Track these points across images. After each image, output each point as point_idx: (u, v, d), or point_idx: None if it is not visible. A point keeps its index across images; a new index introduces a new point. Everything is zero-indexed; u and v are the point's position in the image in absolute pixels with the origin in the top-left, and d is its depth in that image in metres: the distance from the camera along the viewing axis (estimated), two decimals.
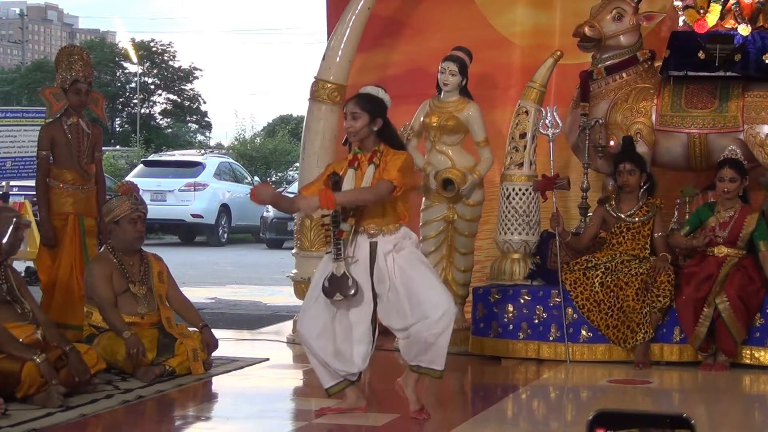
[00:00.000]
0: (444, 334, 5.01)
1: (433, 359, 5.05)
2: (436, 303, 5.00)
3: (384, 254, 5.07)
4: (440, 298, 5.03)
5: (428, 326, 4.98)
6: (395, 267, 5.05)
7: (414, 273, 5.05)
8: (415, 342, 5.05)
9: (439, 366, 5.07)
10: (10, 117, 9.84)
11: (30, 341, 5.45)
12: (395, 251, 5.08)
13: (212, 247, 19.50)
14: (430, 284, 5.06)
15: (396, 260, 5.06)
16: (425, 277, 5.07)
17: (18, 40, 79.88)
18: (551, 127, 6.93)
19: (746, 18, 7.18)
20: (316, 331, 5.14)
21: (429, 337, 4.99)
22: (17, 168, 9.61)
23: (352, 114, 5.11)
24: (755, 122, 7.14)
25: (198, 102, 49.80)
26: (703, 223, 6.77)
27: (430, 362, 5.06)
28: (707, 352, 6.59)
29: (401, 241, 5.10)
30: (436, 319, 4.97)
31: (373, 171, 5.08)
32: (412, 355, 5.09)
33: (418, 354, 5.06)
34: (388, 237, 5.09)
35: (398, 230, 5.11)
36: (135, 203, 6.39)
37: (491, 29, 8.24)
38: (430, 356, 5.04)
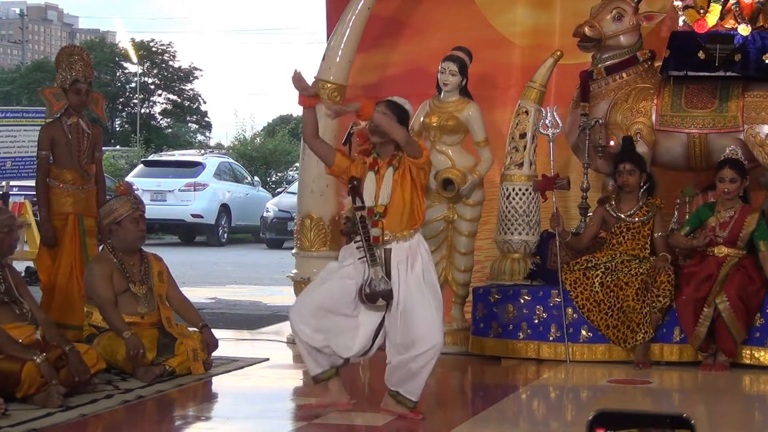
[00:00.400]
0: (426, 366, 5.05)
1: (411, 390, 5.09)
2: (426, 337, 5.01)
3: (397, 263, 5.07)
4: (431, 333, 5.03)
5: (413, 358, 5.02)
6: (405, 284, 5.05)
7: (418, 298, 5.05)
8: (398, 368, 5.08)
9: (415, 397, 5.11)
10: (10, 117, 9.85)
11: (29, 341, 5.44)
12: (409, 265, 5.07)
13: (212, 247, 19.50)
14: (426, 314, 5.05)
15: (408, 277, 5.06)
16: (425, 305, 5.06)
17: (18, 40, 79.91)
18: (551, 127, 6.93)
19: (746, 18, 7.18)
20: (306, 319, 5.12)
21: (413, 369, 5.03)
22: (17, 168, 9.61)
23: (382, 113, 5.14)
24: (755, 122, 7.14)
25: (198, 102, 49.80)
26: (703, 223, 6.77)
27: (408, 392, 5.10)
28: (707, 352, 6.59)
29: (415, 251, 5.10)
30: (421, 352, 5.00)
31: (392, 173, 5.10)
32: (393, 380, 5.13)
33: (400, 381, 5.10)
34: (402, 244, 5.09)
35: (413, 237, 5.11)
36: (135, 202, 6.39)
37: (491, 29, 8.24)
38: (410, 386, 5.09)
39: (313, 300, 5.19)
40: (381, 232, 5.07)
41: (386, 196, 5.08)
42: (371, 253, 5.02)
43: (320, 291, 5.20)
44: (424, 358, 5.02)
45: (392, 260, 5.08)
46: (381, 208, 5.08)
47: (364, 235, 5.03)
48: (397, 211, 5.09)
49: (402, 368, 5.06)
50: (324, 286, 5.19)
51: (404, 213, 5.09)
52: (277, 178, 29.98)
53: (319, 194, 7.56)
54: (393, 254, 5.08)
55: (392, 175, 5.09)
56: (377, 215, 5.06)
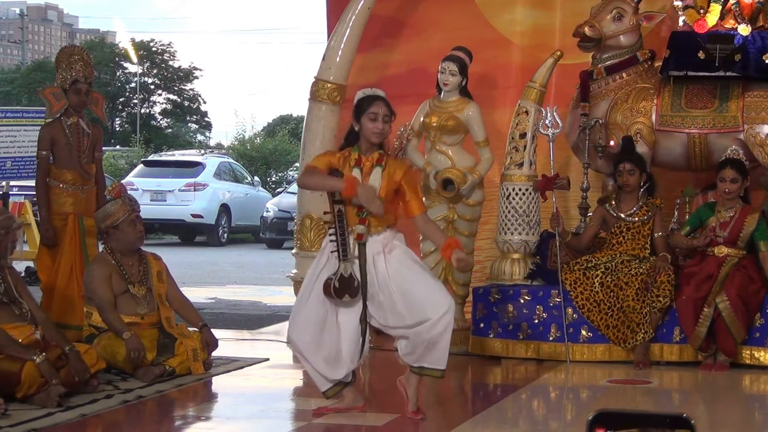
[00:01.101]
0: (446, 332, 5.00)
1: (436, 359, 5.05)
2: (436, 303, 4.99)
3: (374, 254, 5.08)
4: (440, 298, 5.02)
5: (430, 327, 4.97)
6: (387, 268, 5.05)
7: (408, 273, 5.05)
8: (417, 344, 5.04)
9: (442, 366, 5.07)
10: (10, 117, 9.85)
11: (29, 341, 5.44)
12: (386, 252, 5.08)
13: (212, 247, 19.50)
14: (426, 284, 5.06)
15: (388, 261, 5.06)
16: (420, 277, 5.07)
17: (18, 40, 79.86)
18: (551, 127, 6.93)
19: (746, 18, 7.18)
20: (307, 338, 5.13)
21: (433, 337, 4.99)
22: (17, 168, 9.61)
23: (385, 117, 5.14)
24: (755, 122, 7.14)
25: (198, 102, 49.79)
26: (703, 223, 6.77)
27: (433, 362, 5.06)
28: (707, 352, 6.59)
29: (390, 242, 5.11)
30: (437, 319, 4.96)
31: (380, 173, 5.09)
32: (415, 357, 5.08)
33: (423, 355, 5.05)
34: (376, 237, 5.10)
35: (385, 230, 5.12)
36: (130, 204, 6.39)
37: (491, 29, 8.24)
38: (434, 356, 5.04)
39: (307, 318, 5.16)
40: (366, 230, 5.07)
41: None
42: (344, 248, 5.02)
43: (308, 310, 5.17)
44: (442, 324, 4.97)
45: (368, 253, 5.07)
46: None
47: (340, 229, 5.03)
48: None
49: (421, 341, 5.01)
50: (309, 304, 5.16)
51: (387, 212, 5.11)
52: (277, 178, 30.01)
53: (319, 194, 7.53)
54: (368, 247, 5.08)
55: (380, 175, 5.09)
56: (366, 213, 5.07)
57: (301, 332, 5.16)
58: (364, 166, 5.12)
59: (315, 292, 5.14)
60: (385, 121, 5.14)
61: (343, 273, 5.02)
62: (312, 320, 5.13)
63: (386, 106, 5.17)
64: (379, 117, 5.13)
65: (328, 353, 5.12)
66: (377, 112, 5.14)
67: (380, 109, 5.15)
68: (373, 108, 5.16)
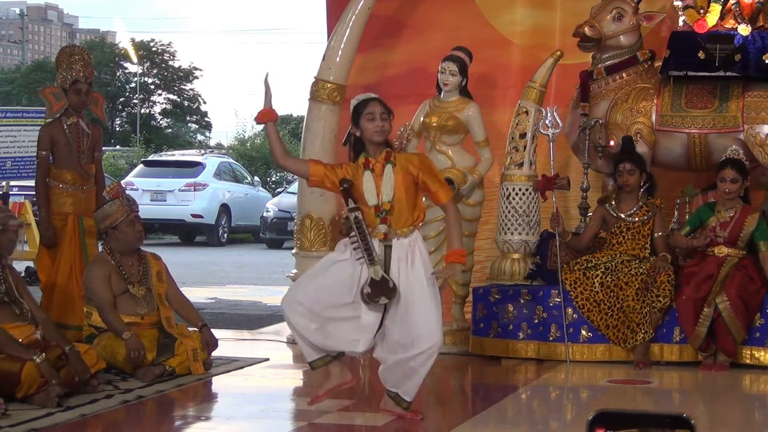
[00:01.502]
0: (426, 365, 5.03)
1: (408, 390, 5.09)
2: (426, 335, 5.00)
3: (398, 260, 5.06)
4: (433, 331, 5.02)
5: (412, 356, 5.00)
6: (406, 281, 5.04)
7: (418, 296, 5.03)
8: (395, 370, 5.07)
9: (409, 398, 5.10)
10: (10, 117, 9.84)
11: (29, 341, 5.44)
12: (409, 262, 5.06)
13: (212, 247, 19.50)
14: (427, 313, 5.03)
15: (409, 274, 5.05)
16: (425, 305, 5.04)
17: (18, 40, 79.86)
18: (551, 127, 6.93)
19: (746, 18, 7.18)
20: (299, 309, 5.09)
21: (412, 368, 5.02)
22: (17, 168, 9.61)
23: (383, 115, 5.14)
24: (755, 122, 7.14)
25: (198, 102, 49.80)
26: (703, 223, 6.77)
27: (405, 392, 5.09)
28: (707, 352, 6.59)
29: (413, 247, 5.08)
30: (421, 351, 4.99)
31: (392, 170, 5.09)
32: (391, 381, 5.12)
33: (398, 381, 5.09)
34: (402, 240, 5.08)
35: (412, 233, 5.11)
36: (128, 205, 6.38)
37: (491, 29, 8.24)
38: (407, 386, 5.08)
39: (306, 293, 5.13)
40: (388, 228, 5.06)
41: (390, 192, 5.07)
42: (369, 253, 5.01)
43: (314, 285, 5.15)
44: (423, 357, 5.00)
45: (392, 257, 5.06)
46: (387, 205, 5.07)
47: (361, 235, 5.02)
48: (401, 206, 5.08)
49: (401, 367, 5.05)
50: (317, 281, 5.15)
51: (407, 209, 5.09)
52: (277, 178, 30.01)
53: (319, 194, 7.55)
54: (393, 251, 5.07)
55: (393, 172, 5.10)
56: (384, 212, 5.06)
57: (294, 304, 5.11)
58: (374, 168, 5.12)
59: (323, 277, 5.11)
60: (384, 119, 5.14)
61: (374, 277, 5.00)
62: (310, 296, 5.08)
63: (382, 105, 5.18)
64: (377, 115, 5.13)
65: (321, 326, 5.08)
66: (374, 111, 5.15)
67: (376, 108, 5.15)
68: (369, 108, 5.17)
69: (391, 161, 5.11)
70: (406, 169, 5.10)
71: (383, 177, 5.08)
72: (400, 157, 5.18)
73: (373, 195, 5.07)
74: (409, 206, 5.10)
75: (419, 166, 5.14)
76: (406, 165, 5.12)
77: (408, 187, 5.10)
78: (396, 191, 5.07)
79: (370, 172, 5.11)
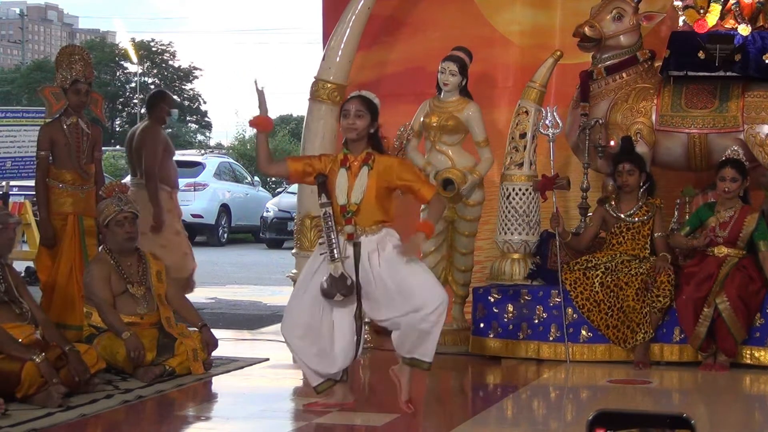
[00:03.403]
0: (438, 324, 5.07)
1: (425, 351, 5.11)
2: (430, 295, 5.05)
3: (368, 253, 5.11)
4: (434, 291, 5.08)
5: (423, 318, 5.03)
6: (381, 263, 5.08)
7: (402, 267, 5.08)
8: (409, 333, 5.10)
9: (429, 358, 5.14)
10: (10, 117, 9.85)
11: (29, 341, 5.44)
12: (380, 250, 5.11)
13: (212, 247, 19.49)
14: (420, 277, 5.10)
15: (381, 257, 5.10)
16: (414, 270, 5.10)
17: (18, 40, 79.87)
18: (551, 127, 6.93)
19: (746, 18, 7.18)
20: (298, 333, 5.19)
21: (424, 328, 5.05)
22: (17, 168, 9.61)
23: (357, 112, 5.13)
24: (755, 122, 7.14)
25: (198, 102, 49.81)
26: (703, 223, 6.77)
27: (422, 354, 5.12)
28: (707, 352, 6.59)
29: (384, 240, 5.13)
30: (430, 311, 5.02)
31: (367, 173, 5.11)
32: (406, 348, 5.14)
33: (414, 346, 5.11)
34: (371, 237, 5.13)
35: (380, 230, 5.14)
36: (120, 204, 6.36)
37: (490, 28, 8.24)
38: (423, 348, 5.11)
39: (300, 314, 5.21)
40: (354, 229, 5.10)
41: (359, 195, 5.10)
42: (331, 249, 5.05)
43: (302, 306, 5.22)
44: (434, 316, 5.03)
45: (362, 252, 5.11)
46: (354, 207, 5.10)
47: (327, 230, 5.06)
48: (369, 209, 5.12)
49: (413, 330, 5.07)
50: (305, 297, 5.21)
51: (375, 211, 5.13)
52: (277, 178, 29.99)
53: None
54: (363, 247, 5.12)
55: (367, 175, 5.10)
56: (350, 213, 5.09)
57: (292, 328, 5.22)
58: (351, 166, 5.15)
59: (309, 290, 5.18)
60: (358, 116, 5.13)
61: (333, 273, 5.05)
62: (305, 317, 5.18)
63: (360, 103, 5.16)
64: (351, 113, 5.15)
65: (320, 349, 5.17)
66: (348, 108, 5.17)
67: (352, 105, 5.17)
68: (346, 105, 5.22)
69: (369, 164, 5.12)
70: (383, 175, 5.12)
71: (357, 178, 5.10)
72: (381, 160, 5.16)
73: (343, 194, 5.11)
74: (378, 209, 5.13)
75: (398, 171, 5.15)
76: (384, 171, 5.13)
77: (380, 191, 5.13)
78: (366, 194, 5.09)
79: (346, 170, 5.14)
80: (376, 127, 5.22)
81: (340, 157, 5.19)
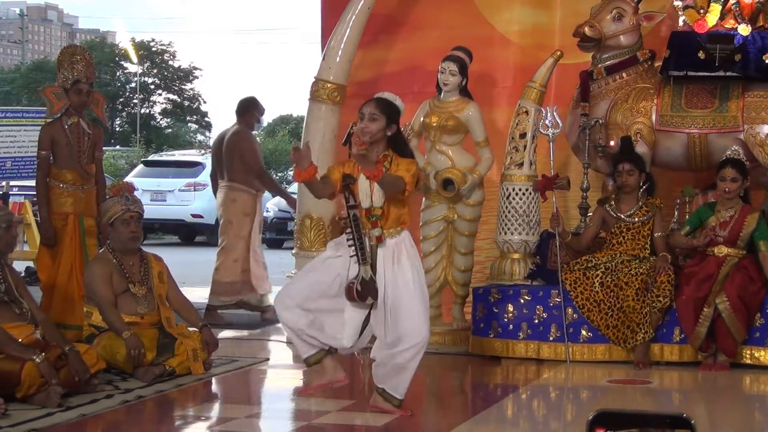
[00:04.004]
0: (413, 360, 5.03)
1: (396, 386, 5.08)
2: (414, 331, 5.00)
3: (383, 258, 5.07)
4: (419, 327, 5.02)
5: (401, 352, 5.00)
6: (393, 279, 5.05)
7: (405, 292, 5.03)
8: (385, 364, 5.07)
9: (399, 395, 5.10)
10: (10, 117, 9.86)
11: (29, 341, 5.44)
12: (395, 260, 5.07)
13: (212, 247, 19.45)
14: (413, 310, 5.03)
15: (395, 271, 5.06)
16: (411, 302, 5.04)
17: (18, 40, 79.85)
18: (551, 127, 6.93)
19: (746, 18, 7.18)
20: (288, 304, 5.08)
21: (399, 363, 5.02)
22: (17, 168, 9.62)
23: (371, 115, 5.09)
24: (755, 122, 7.14)
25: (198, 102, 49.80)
26: (703, 223, 6.77)
27: (392, 389, 5.09)
28: (707, 352, 6.59)
29: (400, 246, 5.09)
30: (408, 346, 4.99)
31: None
32: (379, 376, 5.12)
33: (385, 377, 5.09)
34: (389, 241, 5.09)
35: (399, 234, 5.11)
36: (126, 203, 6.37)
37: (490, 27, 8.24)
38: (395, 382, 5.07)
39: (298, 288, 5.15)
40: (381, 232, 5.07)
41: (380, 198, 5.07)
42: (362, 252, 5.02)
43: (306, 280, 5.18)
44: (410, 353, 5.00)
45: (378, 256, 5.08)
46: (378, 210, 5.07)
47: (357, 233, 5.03)
48: (390, 212, 5.09)
49: (388, 363, 5.05)
50: (310, 276, 5.18)
51: (395, 214, 5.10)
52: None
53: None
54: (380, 251, 5.09)
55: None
56: (374, 217, 5.06)
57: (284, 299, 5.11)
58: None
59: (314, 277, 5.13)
60: (372, 119, 5.08)
61: (364, 276, 5.01)
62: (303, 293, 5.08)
63: (376, 106, 5.12)
64: (365, 116, 5.10)
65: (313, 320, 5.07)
66: (363, 111, 5.13)
67: (367, 108, 5.13)
68: (362, 108, 5.17)
69: (385, 166, 5.10)
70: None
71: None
72: (397, 162, 5.11)
73: (367, 197, 5.08)
74: (397, 209, 5.11)
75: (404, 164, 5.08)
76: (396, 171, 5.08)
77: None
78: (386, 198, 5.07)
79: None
80: (394, 130, 5.13)
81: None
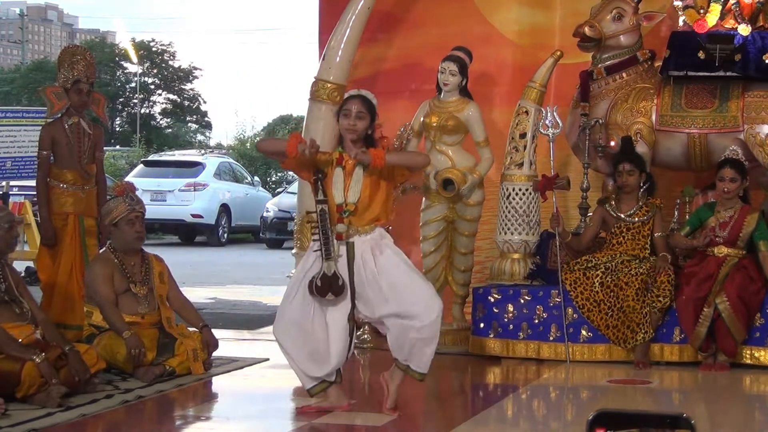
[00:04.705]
0: (435, 336, 5.06)
1: (421, 363, 5.09)
2: (426, 304, 5.02)
3: (361, 253, 5.08)
4: (430, 299, 5.05)
5: (420, 329, 5.00)
6: (377, 265, 5.06)
7: (398, 272, 5.06)
8: (405, 342, 5.06)
9: (424, 370, 5.12)
10: (10, 117, 9.86)
11: (29, 341, 5.44)
12: (376, 253, 5.08)
13: (212, 247, 19.50)
14: (416, 283, 5.07)
15: (378, 260, 5.08)
16: (410, 276, 5.08)
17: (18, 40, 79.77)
18: (551, 127, 6.93)
19: (746, 18, 7.18)
20: (291, 335, 5.17)
21: (422, 340, 5.03)
22: (17, 168, 9.62)
23: (358, 114, 5.11)
24: (755, 122, 7.14)
25: (198, 102, 49.79)
26: (703, 224, 6.77)
27: (419, 366, 5.10)
28: (707, 352, 6.59)
29: (379, 242, 5.11)
30: (429, 322, 5.00)
31: (362, 172, 5.09)
32: (403, 354, 5.11)
33: (410, 355, 5.09)
34: (364, 237, 5.10)
35: (373, 230, 5.12)
36: (131, 203, 6.38)
37: (489, 26, 8.23)
38: (419, 360, 5.08)
39: (292, 311, 5.20)
40: (346, 229, 5.08)
41: (355, 195, 5.08)
42: (327, 247, 5.03)
43: (293, 307, 5.20)
44: (430, 328, 5.02)
45: (356, 252, 5.08)
46: (351, 207, 5.08)
47: (323, 229, 5.04)
48: (364, 209, 5.10)
49: (410, 339, 5.03)
50: (296, 298, 5.19)
51: (371, 211, 5.11)
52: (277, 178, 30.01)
53: None
54: (356, 247, 5.10)
55: (362, 173, 5.09)
56: (346, 212, 5.07)
57: (285, 330, 5.20)
58: (346, 165, 5.13)
59: (301, 291, 5.16)
60: (359, 117, 5.10)
61: (326, 272, 5.04)
62: (297, 318, 5.16)
63: (362, 104, 5.13)
64: (352, 113, 5.11)
65: (312, 350, 5.13)
66: (350, 108, 5.13)
67: (353, 105, 5.13)
68: (347, 105, 5.17)
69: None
70: (374, 172, 5.09)
71: (353, 177, 5.08)
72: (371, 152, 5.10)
73: (340, 193, 5.09)
74: (375, 208, 5.11)
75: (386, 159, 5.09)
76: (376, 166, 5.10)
77: (375, 189, 5.11)
78: (362, 193, 5.08)
79: (342, 169, 5.11)
80: (374, 128, 5.18)
81: (335, 155, 5.17)
